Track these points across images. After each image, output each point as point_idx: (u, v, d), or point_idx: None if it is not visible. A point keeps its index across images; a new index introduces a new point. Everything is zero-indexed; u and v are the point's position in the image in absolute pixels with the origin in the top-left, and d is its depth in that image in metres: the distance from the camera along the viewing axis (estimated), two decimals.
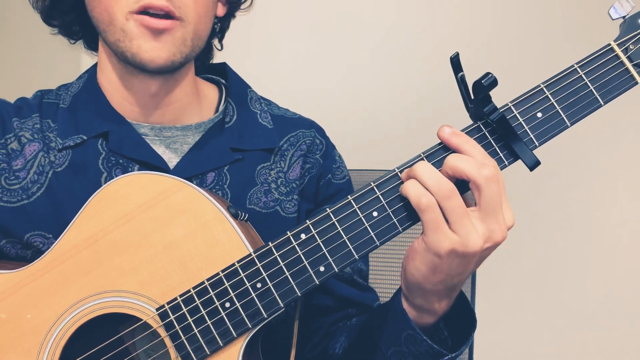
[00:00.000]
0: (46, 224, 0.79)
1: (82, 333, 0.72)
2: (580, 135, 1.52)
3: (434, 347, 0.69)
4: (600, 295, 1.55)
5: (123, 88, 0.84)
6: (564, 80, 0.67)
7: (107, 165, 0.82)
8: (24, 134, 0.83)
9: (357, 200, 0.68)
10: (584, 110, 0.67)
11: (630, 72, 0.66)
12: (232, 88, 0.93)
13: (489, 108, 0.65)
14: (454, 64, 0.64)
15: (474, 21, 1.61)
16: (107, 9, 0.76)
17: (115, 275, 0.71)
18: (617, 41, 0.67)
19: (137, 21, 0.75)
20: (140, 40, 0.75)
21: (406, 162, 0.68)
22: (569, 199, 1.57)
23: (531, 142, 0.67)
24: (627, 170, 1.55)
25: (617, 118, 1.53)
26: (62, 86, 0.91)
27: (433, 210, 0.62)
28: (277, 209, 0.87)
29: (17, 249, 0.80)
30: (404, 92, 1.64)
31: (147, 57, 0.76)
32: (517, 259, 1.59)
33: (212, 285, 0.69)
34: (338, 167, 0.94)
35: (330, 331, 0.89)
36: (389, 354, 0.73)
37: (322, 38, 1.70)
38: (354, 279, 0.91)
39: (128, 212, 0.72)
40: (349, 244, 0.68)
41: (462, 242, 0.62)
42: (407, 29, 1.65)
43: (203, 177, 0.84)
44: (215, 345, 0.69)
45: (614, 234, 1.55)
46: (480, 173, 0.62)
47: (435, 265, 0.64)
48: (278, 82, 1.66)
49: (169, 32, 0.76)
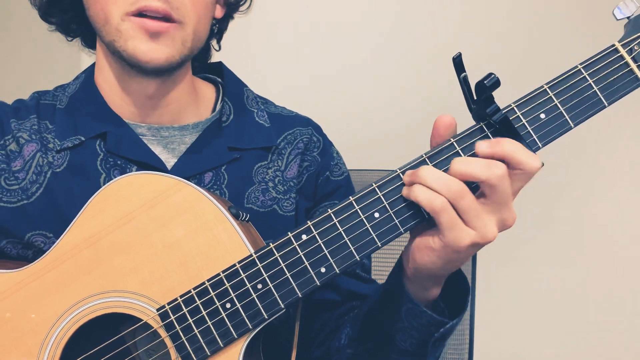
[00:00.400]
0: (47, 224, 0.79)
1: (83, 333, 0.72)
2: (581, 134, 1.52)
3: (434, 317, 0.70)
4: (601, 295, 1.55)
5: (121, 89, 0.84)
6: (568, 81, 0.66)
7: (105, 166, 0.81)
8: (21, 135, 0.83)
9: (358, 201, 0.67)
10: (588, 111, 0.66)
11: (635, 73, 0.65)
12: (228, 87, 0.92)
13: (491, 109, 0.64)
14: (456, 64, 0.64)
15: (476, 21, 1.60)
16: (103, 9, 0.75)
17: (116, 275, 0.71)
18: (622, 42, 0.66)
19: (134, 23, 0.74)
20: (136, 41, 0.75)
21: (408, 163, 0.67)
22: (569, 198, 1.57)
23: (534, 143, 0.66)
24: (629, 169, 1.54)
25: (619, 117, 1.52)
26: (59, 87, 0.91)
27: (448, 211, 0.63)
28: (275, 208, 0.86)
29: (18, 249, 0.80)
30: (405, 92, 1.63)
31: (144, 57, 0.75)
32: (517, 258, 1.59)
33: (213, 286, 0.69)
34: (336, 164, 0.94)
35: (337, 325, 0.88)
36: (393, 332, 0.73)
37: (322, 38, 1.69)
38: (357, 273, 0.91)
39: (129, 212, 0.71)
40: (350, 245, 0.67)
41: (480, 236, 0.63)
42: (408, 29, 1.64)
43: (201, 177, 0.83)
44: (216, 345, 0.68)
45: (615, 234, 1.54)
46: (493, 173, 0.61)
47: (453, 258, 0.66)
48: (277, 82, 1.65)
49: (167, 34, 0.75)
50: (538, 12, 1.56)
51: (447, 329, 0.71)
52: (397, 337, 0.73)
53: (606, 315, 1.54)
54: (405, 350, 0.74)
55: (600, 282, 1.55)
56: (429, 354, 0.73)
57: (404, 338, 0.73)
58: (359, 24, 1.67)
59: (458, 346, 1.16)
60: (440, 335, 0.72)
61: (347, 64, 1.68)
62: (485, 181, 0.62)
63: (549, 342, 1.58)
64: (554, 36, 1.54)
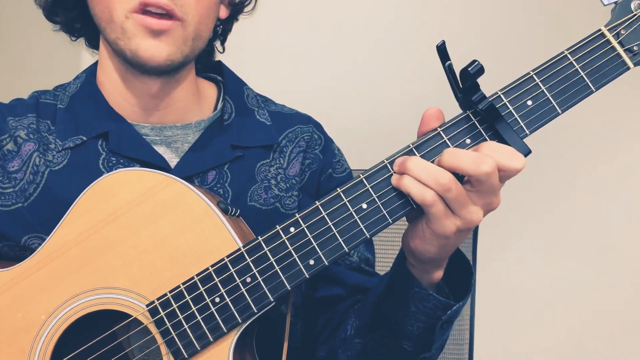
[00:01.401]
0: (44, 226, 0.78)
1: (74, 330, 0.71)
2: (582, 135, 1.50)
3: (441, 300, 0.70)
4: (601, 295, 1.52)
5: (124, 88, 0.83)
6: (554, 67, 0.65)
7: (107, 165, 0.81)
8: (19, 133, 0.82)
9: (346, 193, 0.67)
10: (575, 96, 0.65)
11: (622, 57, 0.64)
12: (228, 86, 0.92)
13: (477, 96, 0.63)
14: (440, 52, 0.63)
15: (465, 12, 1.59)
16: (108, 7, 0.75)
17: (106, 272, 0.70)
18: (608, 26, 0.65)
19: (137, 20, 0.74)
20: (139, 39, 0.75)
21: (395, 153, 0.67)
22: (570, 198, 1.55)
23: (521, 130, 0.65)
24: (630, 168, 1.52)
25: (619, 116, 1.50)
26: (59, 86, 0.90)
27: (437, 203, 0.63)
28: (277, 206, 0.86)
29: (15, 251, 0.79)
30: (403, 91, 1.62)
31: (146, 55, 0.75)
32: (517, 258, 1.57)
33: (202, 281, 0.68)
34: (338, 161, 0.94)
35: (341, 320, 0.87)
36: (400, 318, 0.73)
37: (321, 38, 1.69)
38: (361, 267, 0.90)
39: (117, 209, 0.71)
40: (338, 237, 0.66)
41: (466, 223, 0.64)
42: (407, 28, 1.64)
43: (204, 176, 0.83)
44: (206, 340, 0.67)
45: (616, 233, 1.52)
46: (480, 169, 0.61)
47: (444, 244, 0.66)
48: (278, 82, 1.64)
49: (169, 32, 0.75)
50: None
51: (453, 311, 0.72)
52: (405, 322, 0.73)
53: (606, 315, 1.51)
54: (412, 334, 0.74)
55: (600, 281, 1.52)
56: (436, 337, 0.74)
57: (412, 322, 0.73)
58: (360, 24, 1.66)
59: (458, 346, 1.15)
60: (447, 317, 0.72)
61: (347, 64, 1.67)
62: (473, 176, 0.62)
63: (549, 342, 1.55)
64: (540, 23, 1.53)
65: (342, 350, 0.83)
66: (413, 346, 0.75)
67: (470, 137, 0.65)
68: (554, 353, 1.54)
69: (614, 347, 1.51)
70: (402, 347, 0.75)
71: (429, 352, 0.76)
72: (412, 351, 0.76)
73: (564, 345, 1.54)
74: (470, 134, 0.65)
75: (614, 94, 0.67)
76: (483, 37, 1.56)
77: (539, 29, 1.52)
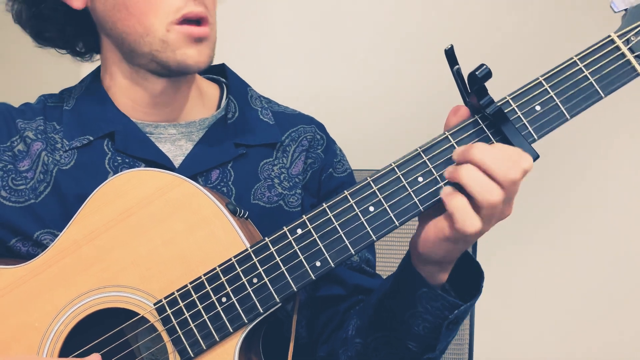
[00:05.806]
0: (55, 222, 0.77)
1: (83, 327, 0.69)
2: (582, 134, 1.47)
3: (449, 299, 0.68)
4: (602, 295, 1.50)
5: (130, 90, 0.82)
6: (564, 73, 0.62)
7: (113, 165, 0.79)
8: (28, 134, 0.82)
9: (353, 195, 0.64)
10: (584, 102, 0.62)
11: (632, 64, 0.61)
12: (232, 86, 0.91)
13: (485, 101, 0.60)
14: (448, 56, 0.60)
15: (474, 16, 1.56)
16: (142, 22, 0.75)
17: (115, 270, 0.68)
18: (618, 32, 0.63)
19: (180, 31, 0.74)
20: (184, 49, 0.75)
21: (402, 157, 0.64)
22: (570, 198, 1.52)
23: (530, 135, 0.62)
24: (631, 167, 1.49)
25: (621, 115, 1.47)
26: (65, 90, 0.89)
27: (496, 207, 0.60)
28: (281, 204, 0.84)
29: (27, 247, 0.78)
30: (407, 91, 1.60)
31: (192, 62, 0.76)
32: (517, 258, 1.54)
33: (209, 280, 0.66)
34: (339, 161, 0.92)
35: (342, 320, 0.86)
36: (406, 318, 0.71)
37: (323, 38, 1.66)
38: (362, 267, 0.88)
39: (128, 208, 0.69)
40: (345, 239, 0.64)
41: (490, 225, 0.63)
42: (414, 30, 1.61)
43: (208, 175, 0.81)
44: (212, 339, 0.65)
45: (617, 233, 1.49)
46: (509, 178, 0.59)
47: (452, 248, 0.64)
48: (278, 82, 1.62)
49: (207, 37, 0.76)
50: (534, 4, 1.52)
51: (460, 311, 0.69)
52: (411, 322, 0.71)
53: (607, 315, 1.49)
54: (418, 334, 0.71)
55: (601, 281, 1.50)
56: (442, 337, 0.71)
57: (418, 323, 0.71)
58: (362, 24, 1.64)
59: (458, 346, 1.13)
60: (454, 317, 0.69)
61: (349, 64, 1.65)
62: (501, 183, 0.59)
63: (549, 341, 1.53)
64: (550, 28, 1.50)
65: (342, 350, 0.81)
66: (418, 346, 0.73)
67: (478, 141, 0.63)
68: (554, 353, 1.52)
69: (614, 347, 1.48)
70: (407, 347, 0.73)
71: (433, 352, 0.73)
72: (416, 351, 0.73)
73: (564, 346, 1.52)
74: (478, 138, 0.63)
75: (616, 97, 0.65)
76: (492, 41, 1.54)
77: (548, 34, 1.49)
